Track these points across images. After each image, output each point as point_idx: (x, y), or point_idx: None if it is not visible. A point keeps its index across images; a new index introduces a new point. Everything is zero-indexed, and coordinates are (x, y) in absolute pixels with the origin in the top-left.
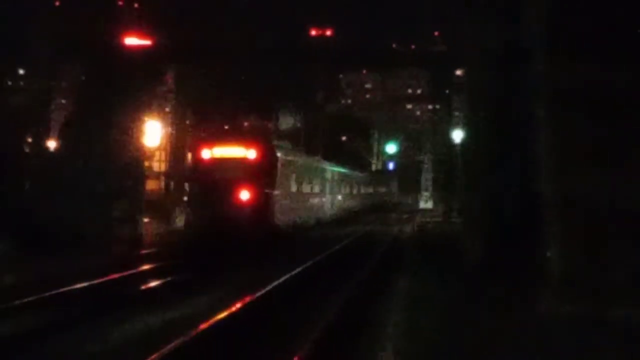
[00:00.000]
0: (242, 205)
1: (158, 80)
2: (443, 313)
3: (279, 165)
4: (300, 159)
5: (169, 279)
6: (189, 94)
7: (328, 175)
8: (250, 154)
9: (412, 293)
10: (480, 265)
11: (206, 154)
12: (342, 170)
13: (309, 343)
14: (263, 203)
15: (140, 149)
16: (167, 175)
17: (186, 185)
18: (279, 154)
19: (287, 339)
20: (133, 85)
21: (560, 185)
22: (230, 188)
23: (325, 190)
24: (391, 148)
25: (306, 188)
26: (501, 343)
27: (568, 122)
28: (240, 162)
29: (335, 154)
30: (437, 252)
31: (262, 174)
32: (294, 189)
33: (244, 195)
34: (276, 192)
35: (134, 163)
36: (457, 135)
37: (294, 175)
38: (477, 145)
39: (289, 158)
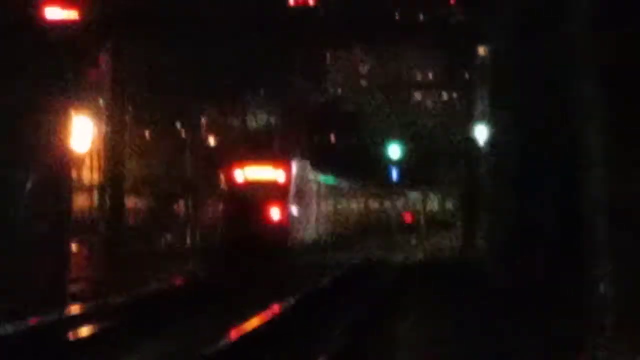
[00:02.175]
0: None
1: (89, 64)
2: None
3: (294, 182)
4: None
5: (103, 325)
6: (129, 81)
7: (317, 188)
8: (278, 174)
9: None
10: (511, 304)
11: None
12: (331, 180)
13: None
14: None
15: (65, 154)
16: (102, 188)
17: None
18: (294, 172)
19: None
20: (55, 70)
21: (619, 197)
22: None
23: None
24: (394, 151)
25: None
26: None
27: (628, 113)
28: (268, 182)
29: (321, 159)
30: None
31: (284, 192)
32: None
33: (274, 212)
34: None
35: (57, 173)
36: (481, 133)
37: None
38: (506, 146)
39: (305, 175)
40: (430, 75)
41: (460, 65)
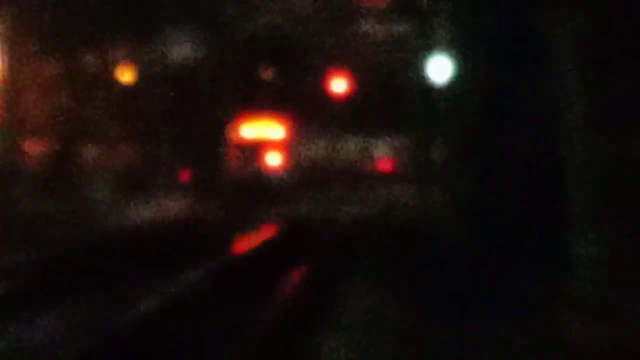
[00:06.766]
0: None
1: None
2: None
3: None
4: None
5: None
6: (29, 6)
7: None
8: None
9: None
10: (472, 269)
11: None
12: None
13: None
14: None
15: None
16: None
17: None
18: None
19: None
20: None
21: (601, 144)
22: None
23: None
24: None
25: None
26: None
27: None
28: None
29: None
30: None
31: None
32: None
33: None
34: None
35: None
36: (440, 70)
37: None
38: (472, 85)
39: None
40: (382, 3)
41: None
